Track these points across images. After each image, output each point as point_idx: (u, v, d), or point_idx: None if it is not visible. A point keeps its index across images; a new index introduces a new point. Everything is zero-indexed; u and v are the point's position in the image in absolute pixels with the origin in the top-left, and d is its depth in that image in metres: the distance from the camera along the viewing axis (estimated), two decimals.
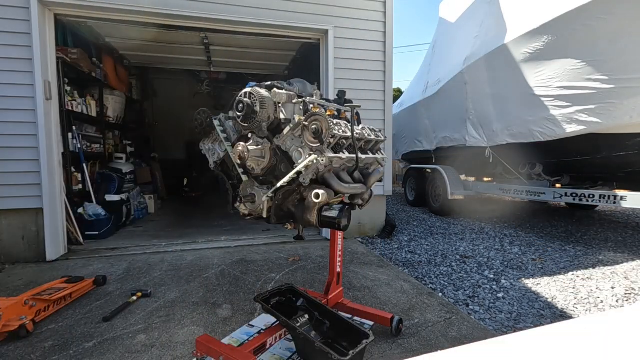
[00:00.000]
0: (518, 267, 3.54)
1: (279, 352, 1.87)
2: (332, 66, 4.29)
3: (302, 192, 1.55)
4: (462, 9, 6.25)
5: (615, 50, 3.56)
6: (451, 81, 5.93)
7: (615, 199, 4.09)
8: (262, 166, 1.55)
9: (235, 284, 2.88)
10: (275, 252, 3.80)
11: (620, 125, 3.68)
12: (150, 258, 3.56)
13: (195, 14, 3.79)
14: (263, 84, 1.63)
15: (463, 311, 2.50)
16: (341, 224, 1.45)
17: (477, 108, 5.48)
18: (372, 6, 4.47)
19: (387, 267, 3.36)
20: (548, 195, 4.82)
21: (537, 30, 4.12)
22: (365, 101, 4.05)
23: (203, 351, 1.66)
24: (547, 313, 2.55)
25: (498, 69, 4.84)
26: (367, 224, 4.71)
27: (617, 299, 2.77)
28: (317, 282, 2.95)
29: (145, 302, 2.53)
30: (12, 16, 3.38)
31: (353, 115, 1.58)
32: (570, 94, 3.92)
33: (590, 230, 5.05)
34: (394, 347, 1.96)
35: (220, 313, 2.36)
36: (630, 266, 3.51)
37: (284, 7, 4.09)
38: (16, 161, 3.46)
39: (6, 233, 3.54)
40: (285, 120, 1.53)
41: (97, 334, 2.09)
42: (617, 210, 6.60)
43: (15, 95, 3.39)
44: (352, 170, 1.67)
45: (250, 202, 1.60)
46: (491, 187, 5.96)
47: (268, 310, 1.83)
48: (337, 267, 2.16)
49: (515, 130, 4.74)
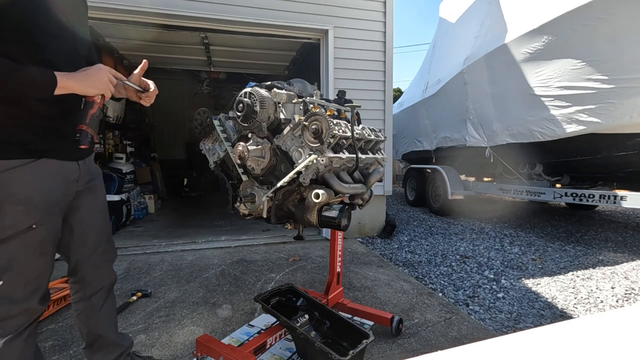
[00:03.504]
0: (518, 267, 3.54)
1: (279, 352, 1.87)
2: (332, 66, 4.29)
3: (302, 192, 1.55)
4: (462, 9, 6.25)
5: (615, 50, 3.55)
6: (451, 81, 5.93)
7: (615, 199, 4.09)
8: (262, 166, 1.55)
9: (235, 284, 2.88)
10: (275, 252, 3.80)
11: (620, 125, 3.68)
12: (150, 258, 3.56)
13: (195, 14, 3.79)
14: (263, 84, 1.63)
15: (463, 311, 2.50)
16: (341, 224, 1.45)
17: (477, 108, 5.48)
18: (372, 6, 4.47)
19: (387, 267, 3.36)
20: (548, 195, 4.82)
21: (537, 30, 4.12)
22: (365, 101, 4.05)
23: (203, 351, 1.66)
24: (547, 313, 2.55)
25: (498, 69, 4.84)
26: (367, 224, 4.71)
27: (617, 299, 2.77)
28: (317, 282, 2.95)
29: (145, 302, 2.53)
30: None
31: (353, 115, 1.58)
32: (570, 94, 3.92)
33: (590, 230, 5.05)
34: (394, 347, 1.96)
35: (220, 313, 2.36)
36: (630, 266, 3.51)
37: (284, 7, 4.09)
38: None
39: None
40: (285, 120, 1.53)
41: None
42: (617, 210, 6.60)
43: None
44: (352, 170, 1.67)
45: (250, 202, 1.60)
46: (491, 187, 5.96)
47: (268, 310, 1.83)
48: (337, 267, 2.16)
49: (515, 130, 4.74)
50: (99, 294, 1.45)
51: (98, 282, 1.45)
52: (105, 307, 1.47)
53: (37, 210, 1.13)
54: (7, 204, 1.08)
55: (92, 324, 1.44)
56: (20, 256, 1.12)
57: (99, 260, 1.44)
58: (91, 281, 1.42)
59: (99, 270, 1.44)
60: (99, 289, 1.45)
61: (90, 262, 1.40)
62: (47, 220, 1.16)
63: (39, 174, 1.13)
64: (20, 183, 1.10)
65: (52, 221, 1.19)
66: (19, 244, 1.11)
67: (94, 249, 1.41)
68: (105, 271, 1.49)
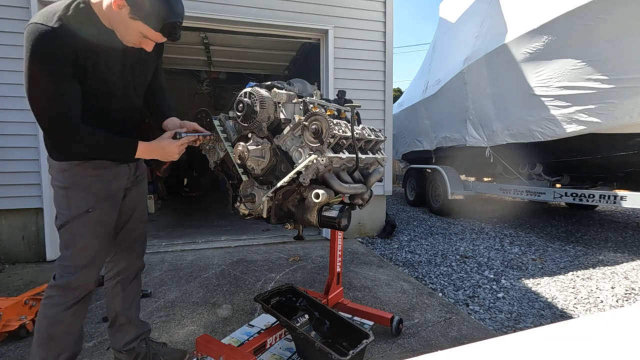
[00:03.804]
0: (518, 267, 3.54)
1: (279, 352, 1.87)
2: (332, 66, 4.29)
3: (302, 192, 1.55)
4: (462, 8, 6.25)
5: (615, 50, 3.55)
6: (451, 81, 5.93)
7: (615, 199, 4.09)
8: (262, 166, 1.55)
9: (235, 284, 2.88)
10: (275, 252, 3.80)
11: (620, 125, 3.68)
12: (150, 258, 3.56)
13: (195, 14, 3.79)
14: (263, 84, 1.63)
15: (463, 311, 2.50)
16: (341, 223, 1.45)
17: (477, 108, 5.48)
18: (372, 6, 4.47)
19: (387, 267, 3.36)
20: (548, 195, 4.82)
21: (537, 30, 4.12)
22: (365, 101, 4.05)
23: (203, 351, 1.66)
24: (547, 313, 2.55)
25: (498, 68, 4.84)
26: (367, 224, 4.71)
27: (617, 299, 2.77)
28: (317, 282, 2.95)
29: (145, 302, 2.52)
30: (12, 16, 3.38)
31: (353, 115, 1.58)
32: (570, 94, 3.91)
33: (590, 230, 5.05)
34: (394, 347, 1.96)
35: (220, 313, 2.36)
36: (630, 266, 3.51)
37: (284, 7, 4.09)
38: (16, 161, 3.46)
39: (6, 233, 3.54)
40: (285, 120, 1.53)
41: (97, 334, 2.09)
42: (617, 210, 6.60)
43: (15, 95, 3.39)
44: (352, 170, 1.67)
45: (250, 202, 1.59)
46: (491, 187, 5.96)
47: (268, 310, 1.83)
48: (337, 267, 2.16)
49: (515, 130, 4.74)
50: (127, 275, 1.67)
51: (128, 265, 1.67)
52: (129, 288, 1.68)
53: (94, 197, 1.39)
54: (72, 190, 1.37)
55: (117, 302, 1.65)
56: (82, 234, 1.38)
57: (133, 243, 1.67)
58: (122, 262, 1.65)
59: (131, 252, 1.67)
60: (127, 271, 1.67)
61: (126, 243, 1.64)
62: (100, 206, 1.41)
63: (98, 171, 1.41)
64: (82, 175, 1.38)
65: (105, 208, 1.43)
66: (80, 224, 1.37)
67: (132, 230, 1.65)
68: (136, 254, 1.70)
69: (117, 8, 1.18)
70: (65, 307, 1.37)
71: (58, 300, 1.38)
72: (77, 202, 1.37)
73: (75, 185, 1.37)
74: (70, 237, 1.38)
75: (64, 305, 1.37)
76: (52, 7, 1.21)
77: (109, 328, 1.71)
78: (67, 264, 1.38)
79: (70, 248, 1.38)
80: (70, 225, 1.37)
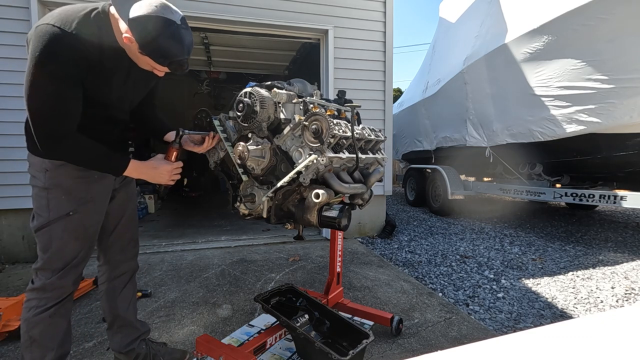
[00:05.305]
0: (518, 267, 3.54)
1: (279, 352, 1.87)
2: (332, 66, 4.29)
3: (302, 192, 1.55)
4: (462, 8, 6.25)
5: (615, 50, 3.55)
6: (451, 81, 5.93)
7: (615, 199, 4.09)
8: (262, 166, 1.55)
9: (235, 284, 2.88)
10: (275, 252, 3.80)
11: (620, 125, 3.68)
12: (150, 258, 3.56)
13: (195, 14, 3.79)
14: (263, 84, 1.63)
15: (463, 311, 2.50)
16: (341, 223, 1.45)
17: (477, 108, 5.48)
18: (372, 6, 4.47)
19: (387, 267, 3.36)
20: (548, 195, 4.82)
21: (537, 30, 4.12)
22: (365, 101, 4.05)
23: (203, 351, 1.66)
24: (547, 313, 2.55)
25: (498, 68, 4.84)
26: (367, 224, 4.71)
27: (617, 299, 2.77)
28: (317, 282, 2.95)
29: (145, 302, 2.53)
30: (12, 16, 3.38)
31: (353, 115, 1.58)
32: (570, 94, 3.91)
33: (590, 230, 5.05)
34: (394, 347, 1.96)
35: (220, 313, 2.36)
36: (630, 266, 3.51)
37: (284, 7, 4.09)
38: (16, 161, 3.46)
39: (6, 233, 3.54)
40: (285, 120, 1.53)
41: (97, 334, 2.09)
42: (617, 210, 6.60)
43: (14, 95, 3.39)
44: (352, 170, 1.67)
45: (250, 202, 1.59)
46: (491, 187, 5.96)
47: (268, 310, 1.83)
48: (337, 267, 2.16)
49: (515, 130, 4.74)
50: (122, 278, 1.67)
51: (122, 267, 1.66)
52: (125, 290, 1.69)
53: (76, 200, 1.36)
54: (53, 191, 1.33)
55: (114, 305, 1.66)
56: (61, 237, 1.35)
57: (126, 245, 1.67)
58: (116, 265, 1.65)
59: (125, 254, 1.66)
60: (121, 274, 1.67)
61: (118, 245, 1.63)
62: (82, 209, 1.38)
63: (82, 173, 1.36)
64: (65, 177, 1.34)
65: (88, 211, 1.40)
66: (60, 228, 1.34)
67: (124, 233, 1.64)
68: (130, 256, 1.70)
69: (128, 42, 1.21)
70: (42, 310, 1.35)
71: (36, 303, 1.35)
72: (57, 204, 1.34)
73: (57, 187, 1.33)
74: (47, 240, 1.34)
75: (42, 308, 1.35)
76: (70, 11, 1.21)
77: (108, 330, 1.71)
78: (44, 267, 1.35)
79: (48, 251, 1.35)
80: (50, 227, 1.33)
